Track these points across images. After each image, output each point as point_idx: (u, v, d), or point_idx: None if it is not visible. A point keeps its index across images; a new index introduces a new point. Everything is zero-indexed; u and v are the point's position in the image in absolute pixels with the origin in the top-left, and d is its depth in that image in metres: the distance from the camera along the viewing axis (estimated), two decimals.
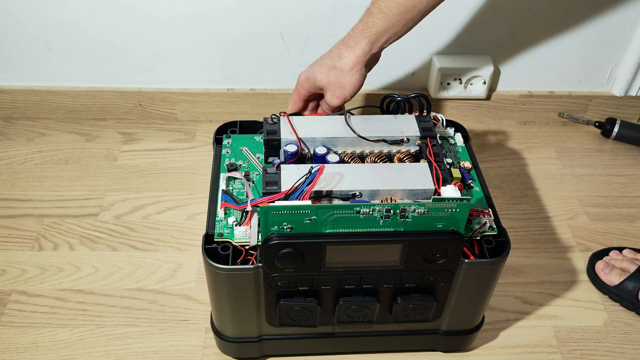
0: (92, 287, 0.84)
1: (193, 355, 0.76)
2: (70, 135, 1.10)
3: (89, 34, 1.02)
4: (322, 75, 0.75)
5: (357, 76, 0.74)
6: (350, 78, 0.74)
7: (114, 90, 1.09)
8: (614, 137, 1.12)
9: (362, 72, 0.74)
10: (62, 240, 0.90)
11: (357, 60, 0.73)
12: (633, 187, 1.03)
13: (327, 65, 0.75)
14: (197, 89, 1.10)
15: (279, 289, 0.63)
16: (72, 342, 0.77)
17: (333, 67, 0.74)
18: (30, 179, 1.00)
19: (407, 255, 0.60)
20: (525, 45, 1.06)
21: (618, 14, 1.02)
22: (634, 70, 1.09)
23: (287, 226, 0.58)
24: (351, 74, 0.74)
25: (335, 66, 0.74)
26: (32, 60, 1.06)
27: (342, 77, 0.74)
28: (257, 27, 1.02)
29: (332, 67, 0.74)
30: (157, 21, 1.00)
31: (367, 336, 0.72)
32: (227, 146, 0.73)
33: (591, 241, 0.93)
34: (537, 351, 0.78)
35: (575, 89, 1.13)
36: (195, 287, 0.84)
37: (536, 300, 0.84)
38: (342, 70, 0.74)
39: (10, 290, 0.83)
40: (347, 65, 0.73)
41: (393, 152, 0.69)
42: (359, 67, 0.74)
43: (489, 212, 0.66)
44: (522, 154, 1.10)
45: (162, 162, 1.05)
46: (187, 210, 0.95)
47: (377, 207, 0.57)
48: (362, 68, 0.74)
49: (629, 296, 0.82)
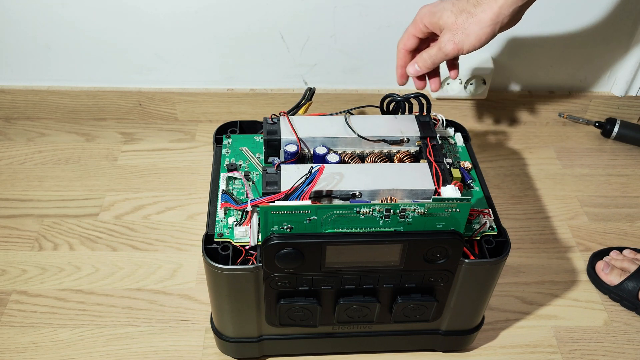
0: (92, 287, 0.84)
1: (193, 355, 0.76)
2: (70, 135, 1.10)
3: (89, 34, 1.02)
4: (450, 14, 0.65)
5: (487, 30, 0.65)
6: (480, 29, 0.64)
7: (114, 90, 1.09)
8: (614, 137, 1.12)
9: (495, 29, 0.65)
10: (62, 240, 0.90)
11: (500, 12, 0.64)
12: (633, 187, 1.03)
13: (460, 7, 0.65)
14: (197, 89, 1.10)
15: (279, 289, 0.63)
16: (72, 342, 0.77)
17: (466, 10, 0.64)
18: (30, 179, 1.00)
19: (407, 255, 0.60)
20: (525, 45, 1.06)
21: (618, 14, 1.02)
22: (634, 70, 1.09)
23: (287, 226, 0.58)
24: (483, 24, 0.64)
25: (469, 11, 0.64)
26: (32, 60, 1.06)
27: (472, 25, 0.64)
28: (257, 27, 1.02)
29: (465, 10, 0.64)
30: (157, 21, 1.00)
31: (367, 336, 0.72)
32: (227, 146, 0.73)
33: (591, 241, 0.93)
34: (537, 351, 0.78)
35: (575, 89, 1.14)
36: (195, 287, 0.84)
37: (536, 300, 0.84)
38: (476, 17, 0.64)
39: (10, 290, 0.83)
40: (486, 13, 0.63)
41: (393, 152, 0.69)
42: (497, 20, 0.64)
43: (489, 212, 0.66)
44: (522, 154, 1.10)
45: (162, 162, 1.05)
46: (187, 210, 0.95)
47: (377, 207, 0.57)
48: (498, 24, 0.65)
49: (629, 296, 0.82)
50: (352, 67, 1.07)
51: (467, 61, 1.06)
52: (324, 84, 1.09)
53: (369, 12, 1.00)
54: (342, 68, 1.07)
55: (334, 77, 1.09)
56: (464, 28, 0.65)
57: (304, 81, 1.09)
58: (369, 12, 1.00)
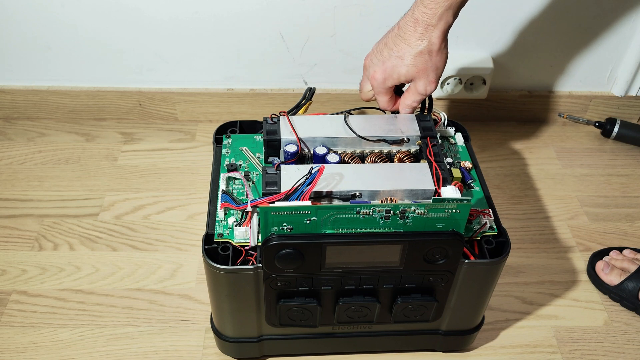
0: (92, 287, 0.84)
1: (193, 355, 0.76)
2: (70, 135, 1.10)
3: (89, 34, 1.02)
4: (408, 67, 0.68)
5: (445, 51, 0.68)
6: (441, 57, 0.68)
7: (114, 90, 1.09)
8: (614, 137, 1.12)
9: (447, 45, 0.69)
10: (62, 240, 0.90)
11: (444, 36, 0.67)
12: (633, 187, 1.03)
13: (410, 54, 0.67)
14: (197, 89, 1.10)
15: (279, 289, 0.63)
16: (72, 342, 0.77)
17: (419, 53, 0.67)
18: (30, 179, 1.00)
19: (407, 255, 0.60)
20: (525, 45, 1.06)
21: (618, 14, 1.02)
22: (634, 70, 1.09)
23: (287, 227, 0.58)
24: (441, 51, 0.67)
25: (421, 51, 0.67)
26: (32, 60, 1.06)
27: (433, 59, 0.67)
28: (257, 27, 1.02)
29: (418, 53, 0.67)
30: (157, 21, 1.00)
31: (367, 336, 0.72)
32: (227, 146, 0.73)
33: (591, 241, 0.93)
34: (537, 351, 0.78)
35: (575, 89, 1.13)
36: (195, 287, 0.84)
37: (536, 300, 0.84)
38: (432, 52, 0.67)
39: (10, 290, 0.83)
40: (435, 45, 0.66)
41: (393, 152, 0.69)
42: (446, 41, 0.68)
43: (489, 212, 0.66)
44: (522, 154, 1.10)
45: (162, 162, 1.05)
46: (187, 210, 0.95)
47: (377, 207, 0.57)
48: (446, 40, 0.68)
49: (629, 296, 0.82)
50: (352, 67, 1.07)
51: (468, 61, 1.06)
52: (324, 84, 1.09)
53: (369, 12, 1.00)
54: (342, 68, 1.07)
55: (334, 77, 1.08)
56: (430, 67, 0.68)
57: (304, 81, 1.09)
58: (369, 12, 1.00)
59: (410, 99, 0.71)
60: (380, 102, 0.73)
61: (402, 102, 0.72)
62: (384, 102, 0.73)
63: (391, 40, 0.69)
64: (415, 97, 0.71)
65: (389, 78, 0.70)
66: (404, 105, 0.72)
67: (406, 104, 0.72)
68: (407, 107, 0.72)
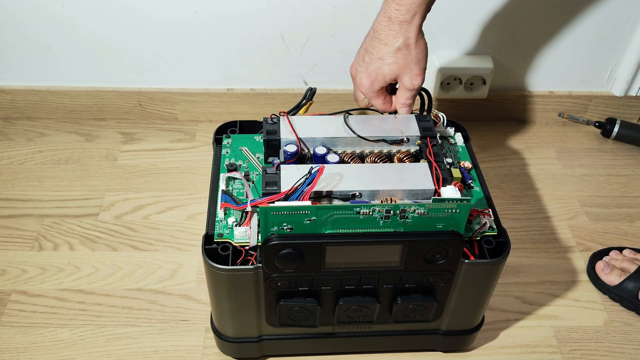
0: (92, 287, 0.84)
1: (193, 355, 0.76)
2: (70, 135, 1.10)
3: (89, 34, 1.02)
4: (390, 66, 0.69)
5: (423, 42, 0.69)
6: (420, 49, 0.68)
7: (114, 90, 1.09)
8: (614, 137, 1.12)
9: (423, 36, 0.70)
10: (62, 240, 0.90)
11: (419, 30, 0.68)
12: (633, 187, 1.03)
13: (389, 53, 0.69)
14: (197, 89, 1.10)
15: (279, 289, 0.63)
16: (72, 342, 0.77)
17: (397, 50, 0.68)
18: (30, 179, 1.00)
19: (407, 255, 0.60)
20: (525, 45, 1.06)
21: (618, 14, 1.02)
22: (634, 70, 1.09)
23: (287, 227, 0.58)
24: (418, 43, 0.68)
25: (399, 47, 0.68)
26: (32, 60, 1.06)
27: (412, 53, 0.68)
28: (257, 27, 1.02)
29: (396, 50, 0.68)
30: (157, 21, 1.00)
31: (367, 336, 0.72)
32: (227, 146, 0.73)
33: (591, 241, 0.93)
34: (537, 351, 0.78)
35: (575, 89, 1.13)
36: (195, 287, 0.84)
37: (536, 300, 0.84)
38: (410, 46, 0.68)
39: (10, 290, 0.83)
40: (412, 39, 0.67)
41: (393, 152, 0.69)
42: (422, 33, 0.69)
43: (489, 212, 0.66)
44: (522, 154, 1.10)
45: (162, 162, 1.05)
46: (187, 210, 0.95)
47: (377, 207, 0.57)
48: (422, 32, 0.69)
49: (629, 296, 0.82)
50: None
51: (468, 61, 1.06)
52: (323, 84, 1.09)
53: (369, 12, 0.99)
54: (342, 68, 1.07)
55: (333, 77, 1.08)
56: (412, 60, 0.68)
57: (304, 81, 1.09)
58: (369, 12, 0.99)
59: (402, 96, 0.72)
60: (376, 106, 0.74)
61: (396, 102, 0.73)
62: (379, 104, 0.74)
63: (369, 44, 0.70)
64: (405, 93, 0.71)
65: (375, 81, 0.71)
66: (399, 104, 0.73)
67: (400, 102, 0.73)
68: (401, 105, 0.73)
